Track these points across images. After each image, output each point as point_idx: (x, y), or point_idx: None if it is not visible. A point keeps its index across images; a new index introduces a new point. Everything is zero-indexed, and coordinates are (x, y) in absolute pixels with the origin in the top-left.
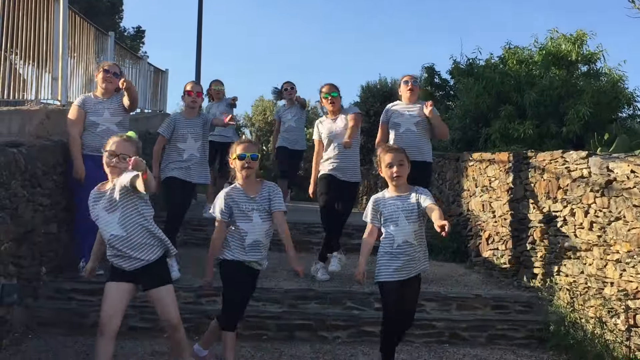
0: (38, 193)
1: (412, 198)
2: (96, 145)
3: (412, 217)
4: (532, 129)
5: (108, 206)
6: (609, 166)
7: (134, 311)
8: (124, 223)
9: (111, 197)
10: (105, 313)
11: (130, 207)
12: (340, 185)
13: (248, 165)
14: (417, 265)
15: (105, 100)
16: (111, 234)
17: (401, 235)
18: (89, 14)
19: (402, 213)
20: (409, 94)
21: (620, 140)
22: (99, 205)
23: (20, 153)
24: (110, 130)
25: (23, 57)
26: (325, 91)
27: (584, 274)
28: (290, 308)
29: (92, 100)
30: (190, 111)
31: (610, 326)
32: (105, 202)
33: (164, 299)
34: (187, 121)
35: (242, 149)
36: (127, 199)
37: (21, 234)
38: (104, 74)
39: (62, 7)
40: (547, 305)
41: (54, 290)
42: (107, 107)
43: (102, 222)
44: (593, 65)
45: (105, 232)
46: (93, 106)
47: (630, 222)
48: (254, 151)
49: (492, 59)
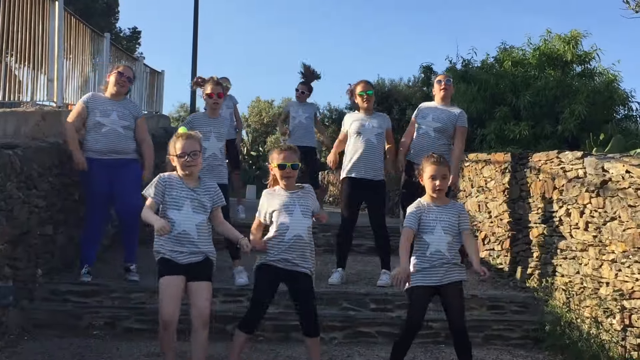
0: (34, 195)
1: (453, 212)
2: (100, 148)
3: (449, 229)
4: (527, 130)
5: (197, 206)
6: (604, 166)
7: (130, 312)
8: (200, 227)
9: (201, 199)
10: (167, 311)
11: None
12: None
13: (288, 174)
14: (451, 275)
15: (116, 102)
16: (183, 230)
17: (437, 243)
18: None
19: (439, 223)
20: (442, 93)
21: (616, 141)
22: (181, 193)
23: (15, 155)
24: (116, 132)
25: (19, 59)
26: (361, 89)
27: (580, 274)
28: (286, 309)
29: (100, 99)
30: (213, 111)
31: (606, 326)
32: (194, 201)
33: (202, 292)
34: (209, 120)
35: (282, 158)
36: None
37: (17, 236)
38: (117, 76)
39: (58, 8)
40: (543, 305)
41: (49, 292)
42: (116, 109)
43: (180, 215)
44: (587, 66)
45: (177, 224)
46: (101, 105)
47: (626, 222)
48: (294, 160)
49: (487, 59)
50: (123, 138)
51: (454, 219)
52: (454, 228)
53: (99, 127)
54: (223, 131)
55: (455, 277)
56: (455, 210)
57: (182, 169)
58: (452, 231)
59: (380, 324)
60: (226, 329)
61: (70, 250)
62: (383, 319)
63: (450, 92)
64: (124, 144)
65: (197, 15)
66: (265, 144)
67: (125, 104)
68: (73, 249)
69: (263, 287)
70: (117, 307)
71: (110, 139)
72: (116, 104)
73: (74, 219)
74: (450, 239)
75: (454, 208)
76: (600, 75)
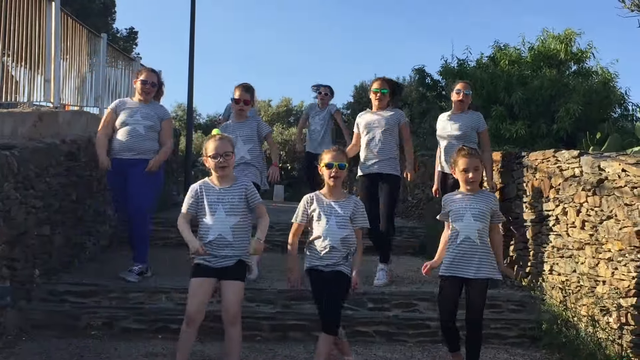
0: (31, 195)
1: (485, 201)
2: (116, 146)
3: (479, 216)
4: (523, 129)
5: (229, 209)
6: (601, 165)
7: (128, 312)
8: (235, 230)
9: (232, 200)
10: (192, 308)
11: (245, 217)
12: (378, 179)
13: (335, 174)
14: (480, 266)
15: (142, 105)
16: (219, 234)
17: (466, 230)
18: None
19: (469, 210)
20: (459, 105)
21: (613, 139)
22: (213, 199)
23: (12, 155)
24: (135, 131)
25: (15, 59)
26: (376, 86)
27: (577, 273)
28: (284, 309)
29: (128, 103)
30: (239, 116)
31: (603, 324)
32: (226, 204)
33: (230, 290)
34: (235, 124)
35: (330, 157)
36: (247, 210)
37: (14, 237)
38: (142, 85)
39: (55, 9)
40: (540, 304)
41: (47, 292)
42: (141, 110)
43: (214, 220)
44: (583, 65)
45: (211, 229)
46: (128, 108)
47: (622, 221)
48: (342, 160)
49: (482, 59)
50: (142, 138)
51: (485, 207)
52: (485, 216)
53: (122, 125)
54: (250, 133)
55: (483, 274)
56: (487, 200)
57: (216, 170)
58: (484, 219)
59: (377, 323)
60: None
61: (68, 250)
62: (380, 319)
63: (466, 104)
64: (141, 144)
65: (194, 15)
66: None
67: (152, 105)
68: (71, 249)
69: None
70: (115, 307)
71: (129, 137)
72: (142, 106)
73: (71, 220)
74: (481, 226)
75: (487, 197)
76: (596, 74)
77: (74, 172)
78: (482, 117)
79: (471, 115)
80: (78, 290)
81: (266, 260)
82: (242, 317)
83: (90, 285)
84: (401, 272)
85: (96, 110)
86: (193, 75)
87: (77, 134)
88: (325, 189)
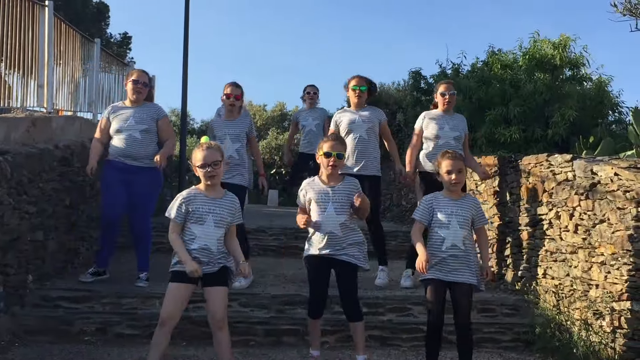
0: (24, 201)
1: (468, 207)
2: (116, 151)
3: (464, 223)
4: (518, 134)
5: (219, 220)
6: (593, 169)
7: (121, 318)
8: (220, 242)
9: (222, 212)
10: (166, 311)
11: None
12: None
13: (333, 163)
14: (464, 272)
15: (135, 108)
16: (205, 244)
17: (452, 237)
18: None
19: (454, 217)
20: (446, 106)
21: (606, 143)
22: (203, 208)
23: (5, 161)
24: (132, 137)
25: (8, 65)
26: (354, 83)
27: (570, 277)
28: (277, 313)
29: (119, 108)
30: (229, 113)
31: (596, 328)
32: (217, 215)
33: (215, 297)
34: (224, 122)
35: (328, 147)
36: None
37: (7, 242)
38: (133, 84)
39: (48, 14)
40: (534, 308)
41: (40, 298)
42: (134, 114)
43: (202, 229)
44: (577, 70)
45: (197, 238)
46: (120, 113)
47: (615, 225)
48: (340, 150)
49: (477, 63)
50: (139, 143)
51: (468, 213)
52: (469, 222)
53: (117, 132)
54: (239, 132)
55: (465, 279)
56: (471, 205)
57: (205, 180)
58: (468, 225)
59: (372, 327)
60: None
61: (62, 255)
62: (375, 323)
63: (454, 104)
64: (140, 149)
65: (187, 20)
66: None
67: (145, 107)
68: (64, 254)
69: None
70: (108, 313)
71: (126, 144)
72: (135, 109)
73: (65, 225)
74: (466, 233)
75: (470, 202)
76: (590, 80)
77: (67, 177)
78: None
79: (461, 117)
80: (71, 296)
81: (260, 264)
82: (235, 322)
83: (84, 290)
84: (395, 276)
85: (90, 116)
86: (187, 80)
87: (71, 139)
88: (323, 175)
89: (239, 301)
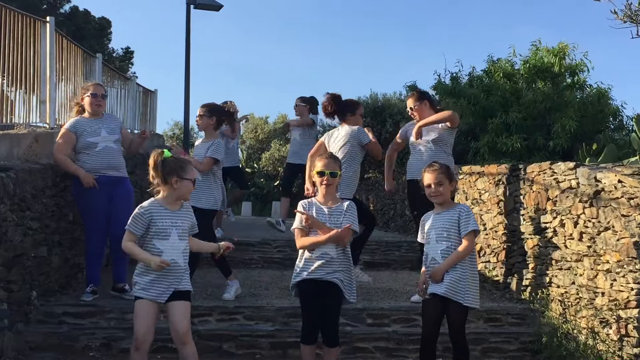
0: (27, 217)
1: (450, 217)
2: (96, 166)
3: (442, 236)
4: (520, 142)
5: (181, 233)
6: (597, 176)
7: (125, 333)
8: (185, 253)
9: (183, 224)
10: (140, 331)
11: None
12: None
13: (326, 182)
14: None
15: (99, 120)
16: (172, 259)
17: (431, 252)
18: (77, 36)
19: (433, 230)
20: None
21: (609, 150)
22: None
23: (8, 177)
24: (109, 148)
25: (11, 81)
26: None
27: (575, 285)
28: (283, 326)
29: (85, 122)
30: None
31: (603, 336)
32: (179, 228)
33: (177, 311)
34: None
35: (322, 165)
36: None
37: (10, 258)
38: (92, 98)
39: (49, 30)
40: (540, 316)
41: (44, 314)
42: (103, 126)
43: (167, 244)
44: (577, 78)
45: (165, 254)
46: (88, 126)
47: (619, 232)
48: (334, 168)
49: (474, 72)
50: (116, 153)
51: (449, 224)
52: (451, 234)
53: (92, 147)
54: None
55: (459, 298)
56: (451, 216)
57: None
58: (449, 238)
59: (377, 339)
60: (222, 347)
61: (66, 271)
62: (380, 334)
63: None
64: (118, 159)
65: (189, 33)
66: (260, 160)
67: (109, 118)
68: (68, 270)
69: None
70: (113, 328)
71: (105, 156)
72: (101, 122)
73: (68, 240)
74: (445, 246)
75: (451, 213)
76: (590, 87)
77: (70, 192)
78: None
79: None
80: (76, 312)
81: (264, 277)
82: (240, 336)
83: (88, 306)
84: (400, 286)
85: None
86: (189, 92)
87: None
88: (319, 195)
89: (244, 314)
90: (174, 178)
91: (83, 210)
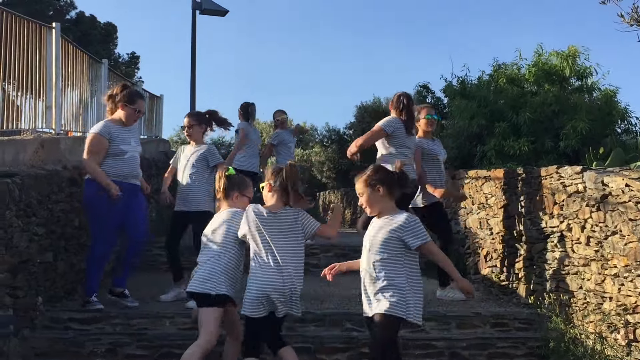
0: (33, 222)
1: (385, 227)
2: (121, 172)
3: (375, 246)
4: (527, 146)
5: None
6: (604, 180)
7: (131, 339)
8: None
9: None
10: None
11: None
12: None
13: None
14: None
15: (129, 129)
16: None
17: (363, 264)
18: (83, 42)
19: (367, 239)
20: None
21: (616, 154)
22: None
23: (14, 183)
24: (135, 158)
25: (17, 87)
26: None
27: (583, 289)
28: (288, 331)
29: (116, 129)
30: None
31: (611, 341)
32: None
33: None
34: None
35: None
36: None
37: (16, 264)
38: (137, 114)
39: (55, 36)
40: (547, 321)
41: (50, 320)
42: (132, 136)
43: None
44: (586, 81)
45: None
46: (120, 134)
47: (627, 236)
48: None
49: (483, 76)
50: (139, 163)
51: (381, 233)
52: (386, 245)
53: (122, 154)
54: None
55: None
56: (388, 226)
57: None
58: (384, 249)
59: None
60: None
61: (71, 277)
62: None
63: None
64: (139, 169)
65: (194, 39)
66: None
67: (134, 129)
68: (74, 275)
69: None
70: (118, 334)
71: (132, 164)
72: (130, 131)
73: (74, 246)
74: (376, 257)
75: (389, 223)
76: (598, 90)
77: (76, 198)
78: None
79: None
80: (81, 317)
81: None
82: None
83: (94, 311)
84: None
85: None
86: (195, 97)
87: (79, 160)
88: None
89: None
90: (236, 193)
91: (94, 217)
